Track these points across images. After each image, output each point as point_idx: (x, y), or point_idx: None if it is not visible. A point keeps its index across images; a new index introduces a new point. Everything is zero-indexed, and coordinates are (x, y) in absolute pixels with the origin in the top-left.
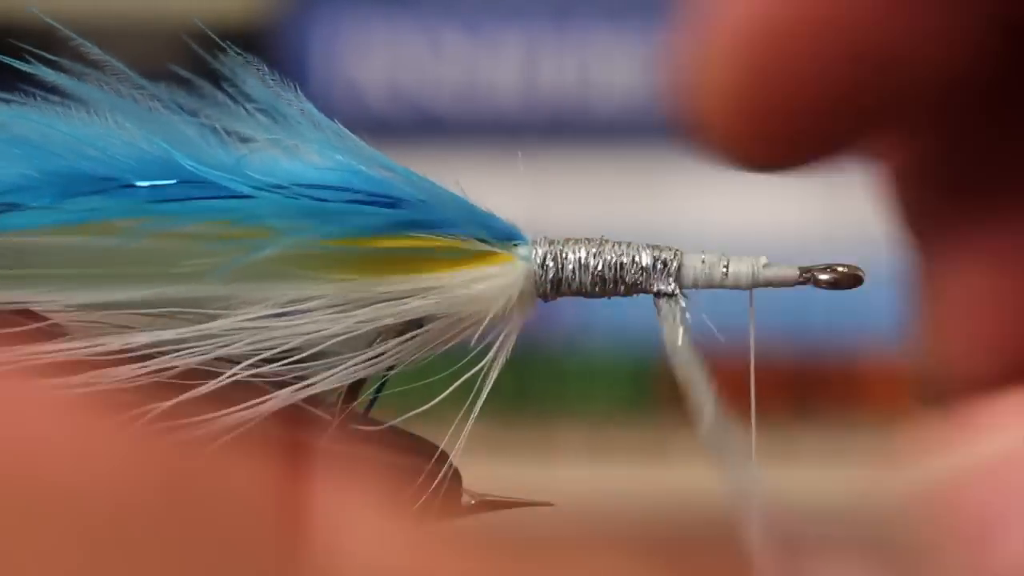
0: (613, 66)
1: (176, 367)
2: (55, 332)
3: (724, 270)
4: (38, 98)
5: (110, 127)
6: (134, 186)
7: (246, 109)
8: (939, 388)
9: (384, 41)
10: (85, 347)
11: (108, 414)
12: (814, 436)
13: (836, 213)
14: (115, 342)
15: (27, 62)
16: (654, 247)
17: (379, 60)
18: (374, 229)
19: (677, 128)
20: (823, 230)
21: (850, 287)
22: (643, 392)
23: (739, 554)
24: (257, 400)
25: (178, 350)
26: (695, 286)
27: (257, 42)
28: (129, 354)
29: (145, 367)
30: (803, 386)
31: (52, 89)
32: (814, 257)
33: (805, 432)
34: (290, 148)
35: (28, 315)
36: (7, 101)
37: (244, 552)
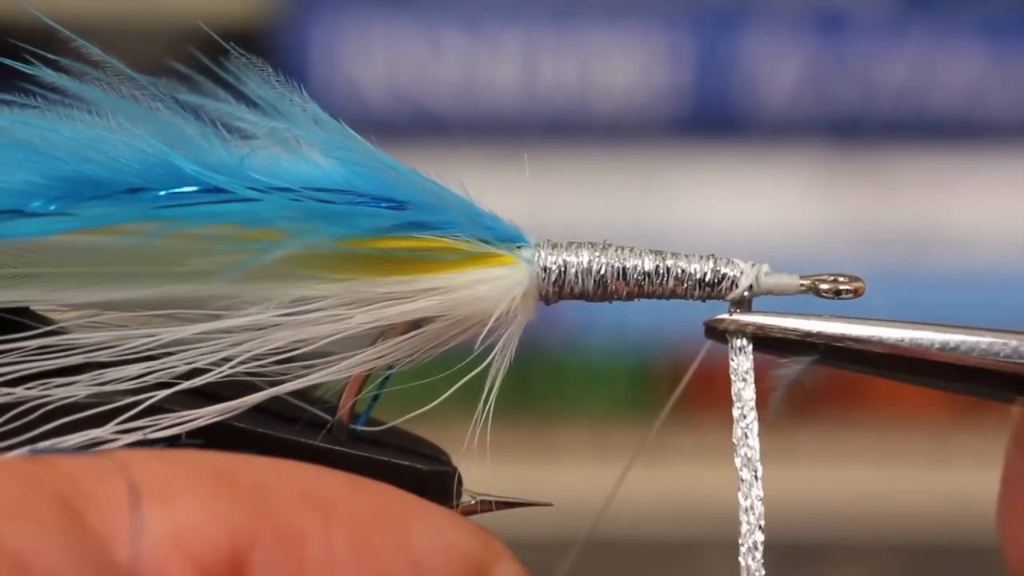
0: (613, 66)
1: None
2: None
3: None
4: (40, 100)
5: (112, 129)
6: (139, 190)
7: (248, 109)
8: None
9: (384, 41)
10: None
11: None
12: (814, 436)
13: (836, 213)
14: (119, 342)
15: (28, 63)
16: (656, 253)
17: (379, 60)
18: (378, 230)
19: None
20: (823, 230)
21: (851, 297)
22: (643, 392)
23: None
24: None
25: (183, 349)
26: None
27: (257, 42)
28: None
29: (150, 367)
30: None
31: (53, 90)
32: (813, 258)
33: (805, 432)
34: (293, 148)
35: (28, 315)
36: (9, 104)
37: None
